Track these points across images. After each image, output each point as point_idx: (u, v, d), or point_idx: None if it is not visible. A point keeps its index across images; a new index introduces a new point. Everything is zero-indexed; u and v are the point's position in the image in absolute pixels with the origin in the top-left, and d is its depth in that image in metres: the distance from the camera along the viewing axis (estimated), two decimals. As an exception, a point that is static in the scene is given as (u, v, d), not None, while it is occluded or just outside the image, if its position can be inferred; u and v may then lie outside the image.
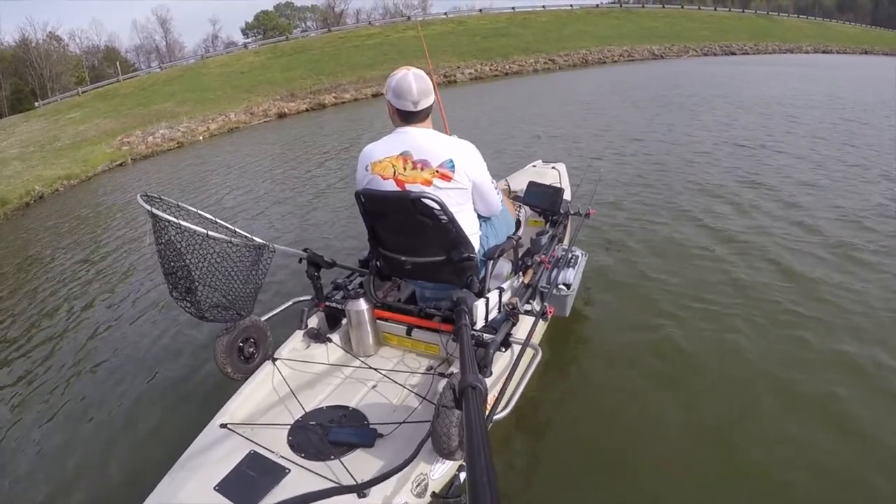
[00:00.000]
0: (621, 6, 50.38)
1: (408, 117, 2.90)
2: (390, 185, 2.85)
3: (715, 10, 52.98)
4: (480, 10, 42.49)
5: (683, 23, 44.45)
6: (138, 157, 15.84)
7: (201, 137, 17.86)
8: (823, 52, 41.98)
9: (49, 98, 33.56)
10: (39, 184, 12.89)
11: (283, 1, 70.46)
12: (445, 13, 43.44)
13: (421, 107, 2.86)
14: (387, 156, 2.89)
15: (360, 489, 2.06)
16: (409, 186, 2.81)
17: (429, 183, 2.80)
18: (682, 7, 50.78)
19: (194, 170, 13.15)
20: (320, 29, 46.72)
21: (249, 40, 52.81)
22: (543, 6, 43.19)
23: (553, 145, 10.10)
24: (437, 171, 2.81)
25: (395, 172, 2.85)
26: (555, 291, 3.40)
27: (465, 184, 2.88)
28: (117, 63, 42.14)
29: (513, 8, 42.45)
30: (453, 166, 2.83)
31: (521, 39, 34.87)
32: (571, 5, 44.90)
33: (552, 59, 31.41)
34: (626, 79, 22.74)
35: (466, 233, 2.86)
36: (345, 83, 25.47)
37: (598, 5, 46.98)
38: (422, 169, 2.82)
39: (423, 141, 2.87)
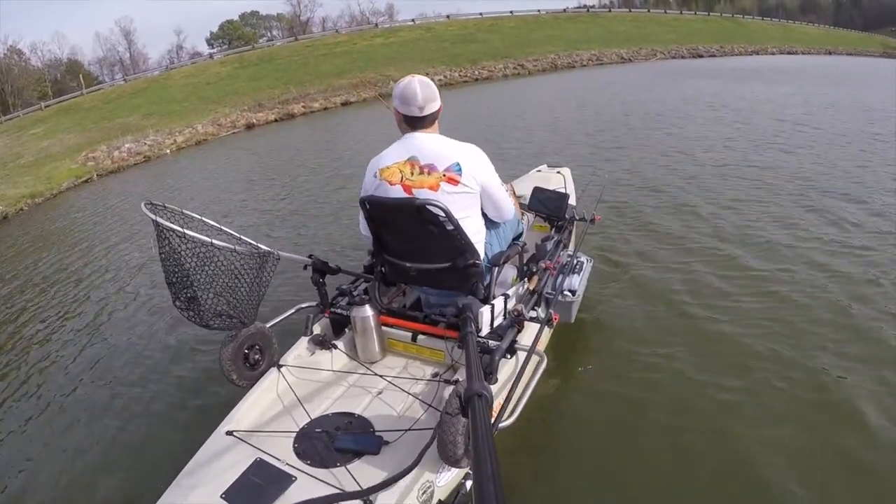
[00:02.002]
0: (588, 11, 50.72)
1: (414, 123, 2.93)
2: (398, 191, 2.87)
3: (681, 13, 53.56)
4: (448, 17, 42.45)
5: (650, 26, 44.90)
6: (104, 173, 15.50)
7: (168, 151, 17.58)
8: (789, 52, 42.80)
9: (11, 113, 32.95)
10: (3, 203, 12.56)
11: (249, 10, 70.18)
12: (413, 20, 43.50)
13: (426, 112, 2.89)
14: (394, 161, 2.93)
15: (365, 496, 2.08)
16: (416, 192, 2.83)
17: (436, 187, 2.82)
18: (649, 11, 51.26)
19: (163, 183, 12.87)
20: (286, 38, 46.42)
21: (215, 50, 52.44)
22: (511, 12, 43.27)
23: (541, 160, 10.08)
24: (445, 175, 2.83)
25: (402, 178, 2.87)
26: (560, 298, 3.42)
27: (473, 188, 2.89)
28: (80, 76, 41.46)
29: (480, 14, 42.51)
30: (460, 170, 2.84)
31: (490, 45, 34.92)
32: (539, 10, 45.11)
33: (521, 64, 31.48)
34: (599, 84, 22.77)
35: (472, 240, 2.85)
36: (313, 92, 25.28)
37: (565, 10, 47.23)
38: (429, 173, 2.84)
39: (429, 145, 2.91)
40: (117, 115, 24.06)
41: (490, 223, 3.19)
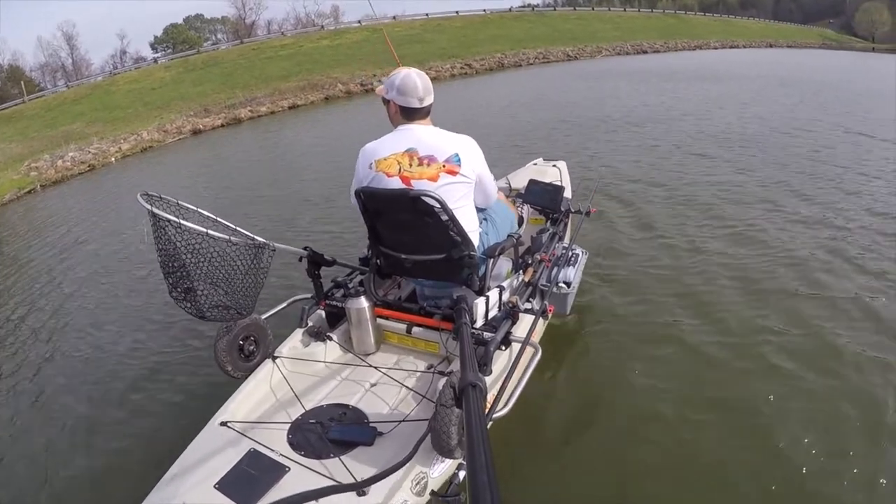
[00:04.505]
0: (533, 10, 51.04)
1: (411, 114, 3.00)
2: (396, 183, 2.89)
3: (624, 10, 54.27)
4: (394, 18, 42.27)
5: (595, 24, 45.38)
6: (48, 183, 15.15)
7: (113, 159, 17.25)
8: (731, 46, 43.61)
9: (-51, 123, 32.12)
10: (-57, 217, 12.18)
11: (193, 13, 69.16)
12: (359, 21, 43.13)
13: (426, 103, 2.98)
14: (392, 153, 2.94)
15: (360, 487, 2.10)
16: (415, 183, 2.85)
17: (435, 178, 2.86)
18: (593, 9, 51.81)
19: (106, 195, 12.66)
20: (232, 41, 45.82)
21: (159, 55, 51.50)
22: (457, 12, 43.26)
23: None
24: (444, 166, 2.88)
25: (400, 169, 2.89)
26: (555, 290, 3.48)
27: (470, 177, 2.95)
28: (22, 83, 40.45)
29: (426, 14, 42.47)
30: (459, 160, 2.90)
31: (437, 45, 34.93)
32: (485, 10, 45.16)
33: (468, 63, 31.52)
34: (549, 85, 22.87)
35: (466, 230, 2.88)
36: (260, 96, 24.97)
37: (510, 9, 47.38)
38: (428, 164, 2.88)
39: (427, 137, 2.95)
40: (60, 123, 23.53)
41: (486, 215, 3.28)
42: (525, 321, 3.08)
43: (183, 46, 52.96)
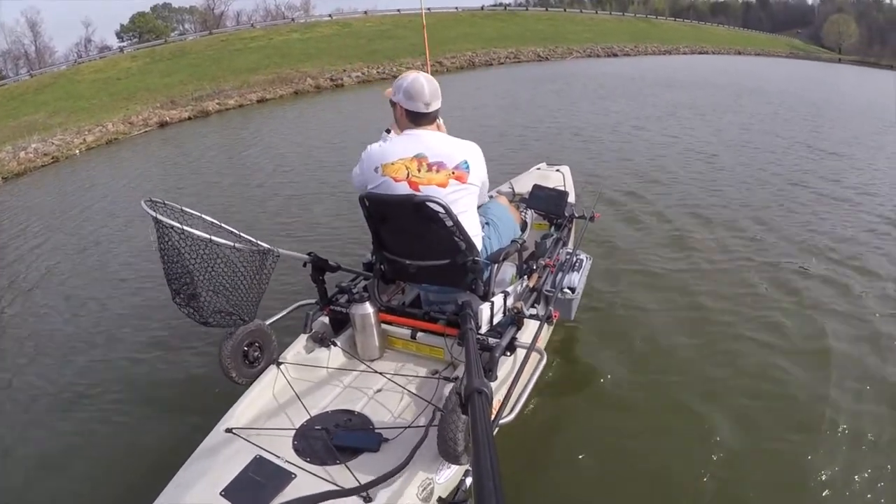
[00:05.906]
0: (505, 9, 51.21)
1: (418, 119, 2.99)
2: (403, 188, 2.87)
3: (596, 13, 54.74)
4: (365, 13, 42.11)
5: (567, 25, 45.66)
6: (10, 176, 14.71)
7: (78, 151, 16.87)
8: (700, 52, 44.21)
9: None
10: None
11: (161, 2, 68.26)
12: (329, 15, 42.86)
13: (432, 108, 2.97)
14: (400, 157, 2.92)
15: (364, 491, 2.14)
16: (423, 188, 2.85)
17: (444, 184, 2.87)
18: (565, 10, 52.13)
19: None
20: (200, 32, 45.28)
21: (125, 44, 50.71)
22: (429, 8, 43.18)
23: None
24: (454, 173, 2.89)
25: (408, 174, 2.88)
26: (560, 295, 3.45)
27: (477, 184, 2.99)
28: (-18, 70, 39.63)
29: (398, 10, 42.29)
30: (468, 167, 2.92)
31: (408, 42, 34.72)
32: (456, 8, 45.17)
33: (439, 61, 31.38)
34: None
35: (469, 234, 2.87)
36: (228, 89, 24.63)
37: (482, 8, 47.51)
38: (437, 171, 2.88)
39: (436, 143, 2.96)
40: (22, 113, 22.89)
41: (488, 219, 3.30)
42: (530, 327, 3.09)
43: (150, 36, 52.31)
